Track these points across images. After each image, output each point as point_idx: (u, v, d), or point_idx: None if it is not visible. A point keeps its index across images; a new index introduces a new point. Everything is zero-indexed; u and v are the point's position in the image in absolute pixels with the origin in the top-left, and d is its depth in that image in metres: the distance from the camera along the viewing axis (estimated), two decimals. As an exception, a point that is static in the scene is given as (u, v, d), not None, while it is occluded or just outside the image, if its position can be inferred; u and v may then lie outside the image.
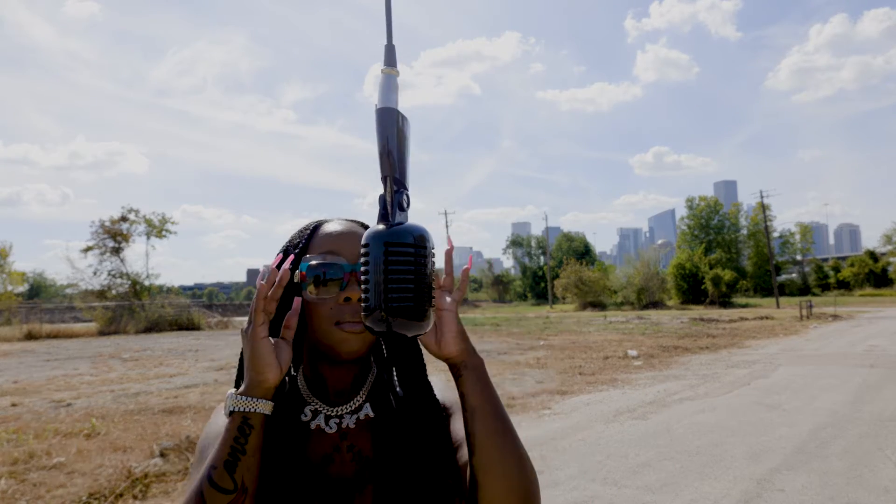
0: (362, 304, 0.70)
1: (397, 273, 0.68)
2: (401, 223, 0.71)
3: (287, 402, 0.88)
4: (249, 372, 0.75)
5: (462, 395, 0.79)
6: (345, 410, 0.88)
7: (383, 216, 0.72)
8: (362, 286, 0.70)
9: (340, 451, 0.86)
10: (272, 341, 0.76)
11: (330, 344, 0.82)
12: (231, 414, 0.75)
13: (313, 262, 0.82)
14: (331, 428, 0.86)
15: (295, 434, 0.85)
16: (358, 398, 0.89)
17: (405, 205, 0.73)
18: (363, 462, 0.85)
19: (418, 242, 0.69)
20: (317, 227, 0.89)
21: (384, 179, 0.72)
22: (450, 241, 0.83)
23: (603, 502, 4.19)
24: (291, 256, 0.81)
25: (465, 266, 0.85)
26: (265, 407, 0.75)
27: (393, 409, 0.90)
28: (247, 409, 0.74)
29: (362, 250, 0.70)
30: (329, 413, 0.87)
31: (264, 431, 0.76)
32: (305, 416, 0.87)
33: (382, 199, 0.73)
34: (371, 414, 0.89)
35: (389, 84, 0.74)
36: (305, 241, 0.87)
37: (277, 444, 0.83)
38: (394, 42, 0.75)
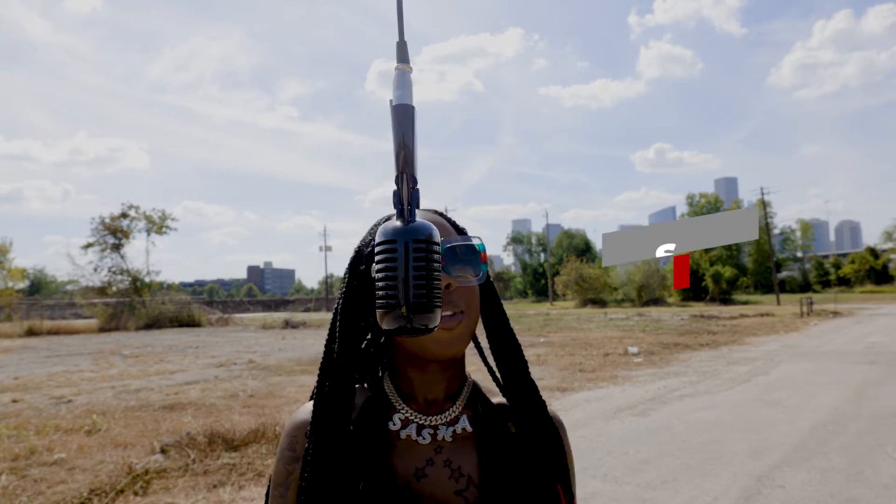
0: (378, 302, 0.67)
1: (419, 269, 0.67)
2: (416, 219, 0.70)
3: (373, 409, 0.79)
4: None
5: None
6: (440, 421, 0.79)
7: (400, 213, 0.70)
8: (379, 283, 0.67)
9: (435, 466, 0.77)
10: None
11: (421, 343, 0.74)
12: None
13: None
14: (424, 439, 0.77)
15: (382, 444, 0.76)
16: (454, 408, 0.80)
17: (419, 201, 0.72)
18: (463, 481, 0.76)
19: (433, 239, 0.69)
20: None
21: (400, 176, 0.70)
22: None
23: (603, 499, 4.19)
24: None
25: None
26: None
27: (496, 426, 0.82)
28: None
29: (383, 247, 0.68)
30: (422, 422, 0.79)
31: (348, 441, 0.73)
32: (394, 424, 0.78)
33: (397, 196, 0.70)
34: (469, 428, 0.80)
35: (404, 80, 0.72)
36: None
37: (363, 453, 0.75)
38: (405, 39, 0.74)
